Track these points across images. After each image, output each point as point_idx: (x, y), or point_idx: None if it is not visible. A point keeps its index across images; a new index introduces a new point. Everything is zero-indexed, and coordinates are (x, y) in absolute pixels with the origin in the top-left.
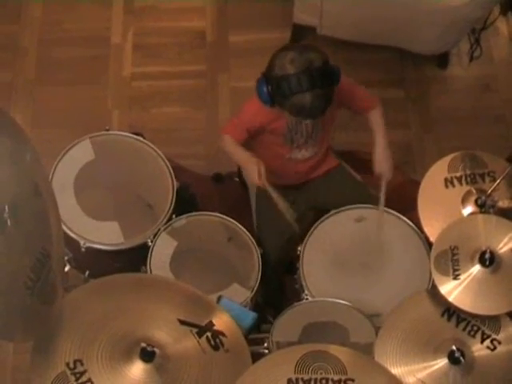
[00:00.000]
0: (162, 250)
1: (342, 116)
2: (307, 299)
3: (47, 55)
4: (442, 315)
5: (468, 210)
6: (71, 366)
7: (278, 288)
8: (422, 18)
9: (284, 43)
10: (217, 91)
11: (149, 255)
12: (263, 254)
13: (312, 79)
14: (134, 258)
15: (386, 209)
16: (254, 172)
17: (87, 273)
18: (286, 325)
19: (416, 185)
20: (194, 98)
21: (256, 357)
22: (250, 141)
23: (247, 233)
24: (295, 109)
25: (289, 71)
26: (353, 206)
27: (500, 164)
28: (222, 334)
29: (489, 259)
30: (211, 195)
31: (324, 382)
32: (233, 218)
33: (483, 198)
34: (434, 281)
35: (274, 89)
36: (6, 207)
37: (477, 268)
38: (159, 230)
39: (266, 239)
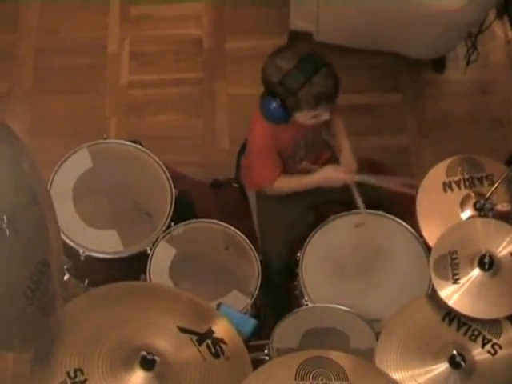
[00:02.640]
0: (161, 258)
1: None
2: (307, 305)
3: (44, 64)
4: (443, 319)
5: (467, 213)
6: (72, 375)
7: (283, 294)
8: (419, 23)
9: None
10: (214, 98)
11: (148, 263)
12: (266, 262)
13: (312, 63)
14: (133, 266)
15: (382, 213)
16: (338, 177)
17: (86, 281)
18: (286, 331)
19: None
20: (191, 106)
21: (256, 363)
22: None
23: (246, 239)
24: (313, 98)
25: (287, 67)
26: (352, 211)
27: (498, 167)
28: (222, 341)
29: (488, 263)
30: (210, 202)
31: None
32: (232, 225)
33: (482, 201)
34: (433, 285)
35: (282, 94)
36: (5, 217)
37: (476, 272)
38: (158, 237)
39: (270, 245)
